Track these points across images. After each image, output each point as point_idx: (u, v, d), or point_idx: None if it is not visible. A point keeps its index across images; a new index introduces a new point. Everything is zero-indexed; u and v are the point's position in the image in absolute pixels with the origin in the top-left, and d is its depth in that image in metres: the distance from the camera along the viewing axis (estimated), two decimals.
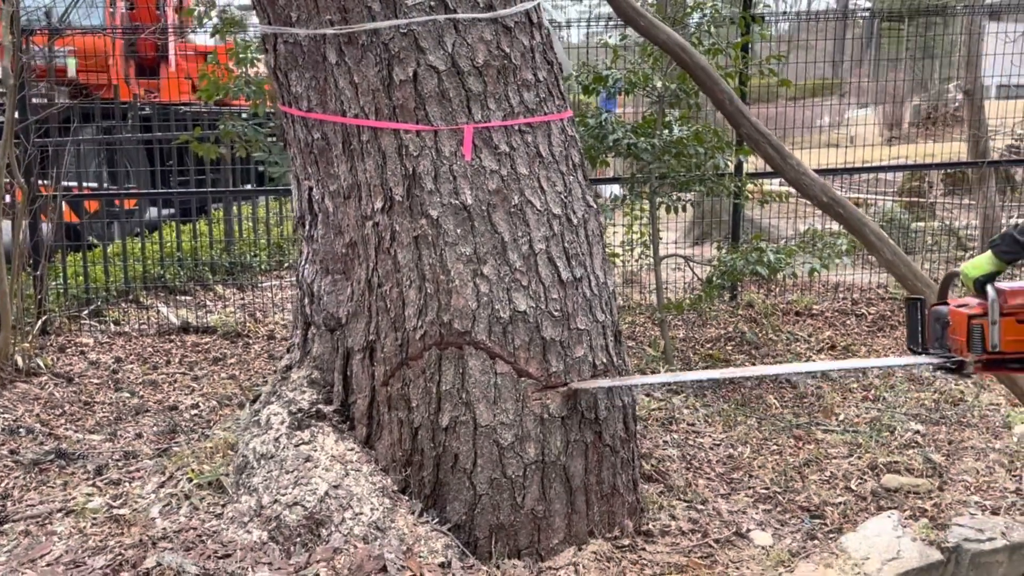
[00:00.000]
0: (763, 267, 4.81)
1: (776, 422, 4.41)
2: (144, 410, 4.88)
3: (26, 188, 5.42)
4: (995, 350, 2.71)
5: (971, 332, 2.74)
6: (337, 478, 3.01)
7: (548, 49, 3.11)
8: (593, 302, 3.09)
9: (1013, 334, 2.71)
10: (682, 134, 4.87)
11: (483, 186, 2.91)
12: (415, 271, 2.94)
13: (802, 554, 3.07)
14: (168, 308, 6.94)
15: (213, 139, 5.64)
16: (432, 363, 2.96)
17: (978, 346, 2.73)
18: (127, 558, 2.91)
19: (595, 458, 3.09)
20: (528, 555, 3.00)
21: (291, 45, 3.06)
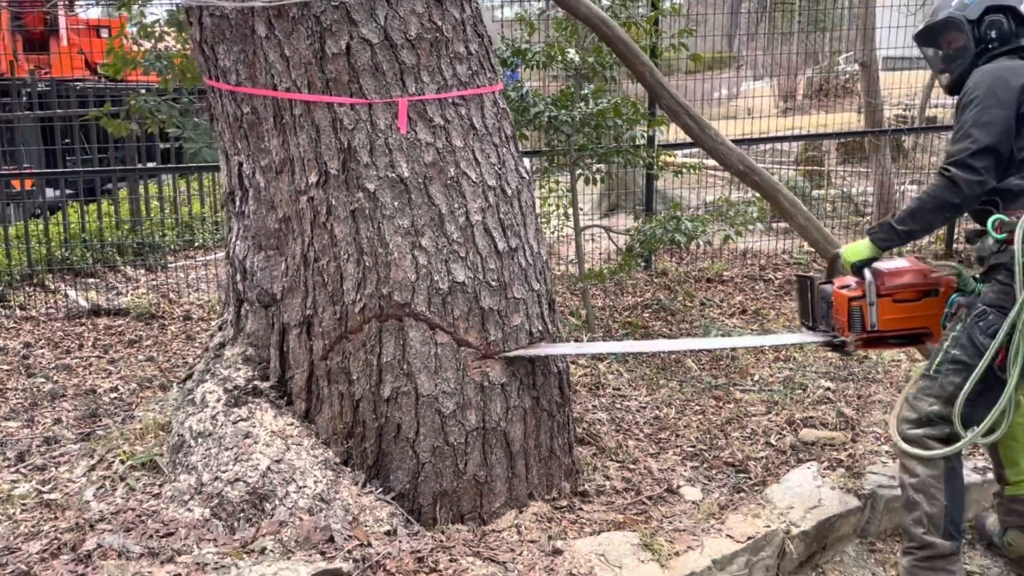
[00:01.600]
0: (681, 235, 4.97)
1: (696, 384, 4.58)
2: (61, 395, 4.74)
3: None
4: (873, 329, 2.93)
5: (851, 313, 2.95)
6: (278, 453, 3.02)
7: (479, 22, 3.14)
8: (528, 271, 3.17)
9: (890, 313, 2.94)
10: (603, 106, 4.96)
11: (419, 159, 2.93)
12: (353, 245, 2.96)
13: (730, 507, 3.22)
14: (76, 291, 6.72)
15: (123, 115, 5.46)
16: (372, 335, 2.99)
17: (857, 325, 2.95)
18: (64, 541, 2.86)
19: (533, 423, 3.17)
20: (471, 519, 3.07)
21: (218, 18, 3.01)
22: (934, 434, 2.80)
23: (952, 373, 2.77)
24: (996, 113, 2.72)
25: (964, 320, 2.78)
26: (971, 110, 2.77)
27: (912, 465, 2.83)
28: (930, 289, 2.96)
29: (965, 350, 2.75)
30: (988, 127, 2.72)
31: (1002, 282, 2.72)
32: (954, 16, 2.97)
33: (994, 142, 2.72)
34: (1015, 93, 2.75)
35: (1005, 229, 2.70)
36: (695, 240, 5.09)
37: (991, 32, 2.92)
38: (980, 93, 2.76)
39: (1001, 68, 2.82)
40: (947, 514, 2.79)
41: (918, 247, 7.50)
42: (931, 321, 2.97)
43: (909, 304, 2.96)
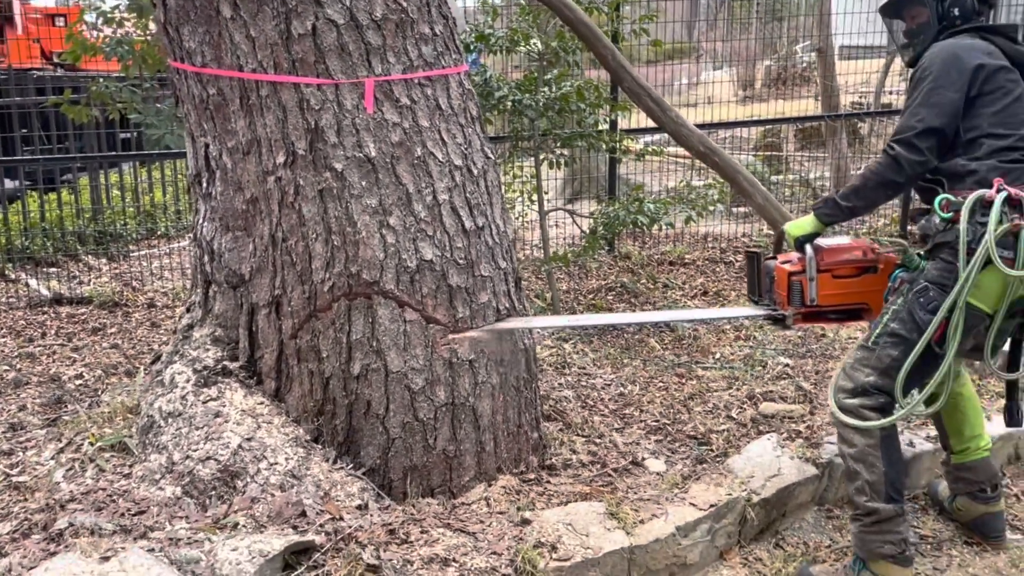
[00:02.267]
0: (644, 217, 5.05)
1: (659, 362, 4.68)
2: (24, 383, 4.72)
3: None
4: (813, 304, 2.97)
5: (791, 287, 3.01)
6: (249, 431, 3.05)
7: (443, 3, 3.18)
8: (495, 250, 3.22)
9: (829, 288, 2.99)
10: (566, 90, 5.02)
11: (386, 139, 2.97)
12: (321, 224, 2.99)
13: (693, 477, 3.30)
14: (37, 280, 6.66)
15: (84, 102, 5.42)
16: (341, 314, 3.03)
17: (797, 300, 3.00)
18: (35, 522, 2.87)
19: (501, 399, 3.23)
20: (441, 493, 3.13)
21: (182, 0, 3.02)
22: (869, 404, 2.83)
23: (890, 346, 2.80)
24: (945, 94, 2.75)
25: (905, 295, 2.82)
26: (922, 87, 2.80)
27: (849, 435, 2.87)
28: (869, 266, 3.00)
29: (904, 324, 2.78)
30: (936, 107, 2.75)
31: (945, 260, 2.75)
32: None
33: (940, 123, 2.75)
34: (967, 74, 2.77)
35: (951, 208, 2.72)
36: (657, 222, 5.18)
37: (954, 9, 2.93)
38: (933, 71, 2.79)
39: (957, 46, 2.84)
40: (887, 480, 2.84)
41: (873, 229, 7.66)
42: (870, 297, 3.01)
43: (848, 280, 3.00)
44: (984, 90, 2.79)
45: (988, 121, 2.78)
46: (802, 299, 2.98)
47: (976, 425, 3.19)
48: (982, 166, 2.75)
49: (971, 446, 3.18)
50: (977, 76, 2.77)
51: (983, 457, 3.17)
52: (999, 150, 2.75)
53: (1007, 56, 2.86)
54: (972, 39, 2.89)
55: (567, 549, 2.77)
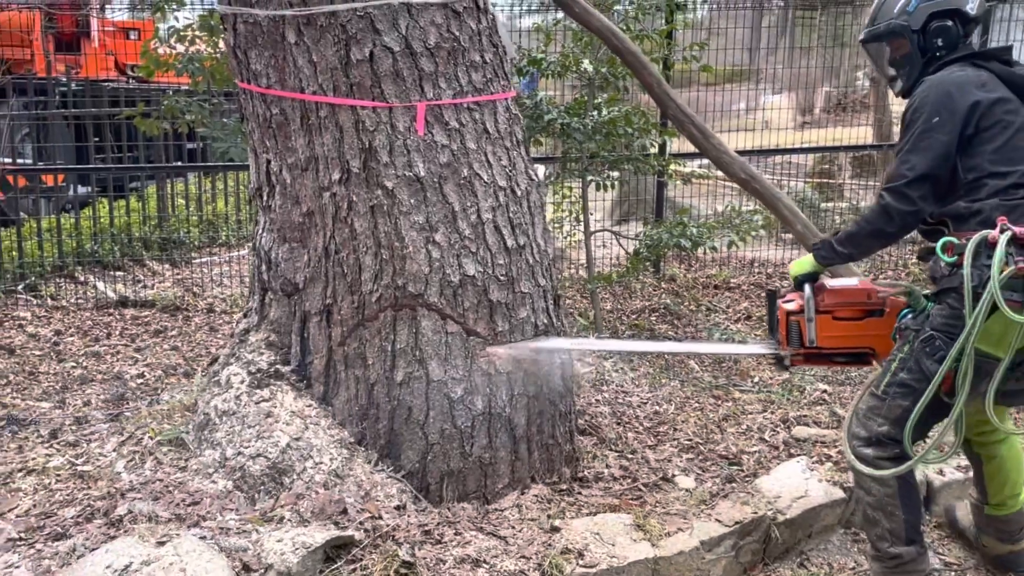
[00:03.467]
0: (686, 240, 5.16)
1: (697, 383, 4.77)
2: (89, 380, 4.98)
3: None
4: (812, 345, 2.92)
5: (789, 327, 2.97)
6: (297, 431, 3.23)
7: (493, 33, 3.35)
8: (535, 268, 3.37)
9: (829, 330, 2.92)
10: (614, 115, 5.16)
11: (435, 159, 3.14)
12: (371, 238, 3.17)
13: (721, 494, 3.40)
14: (104, 283, 6.98)
15: (156, 115, 5.72)
16: (387, 324, 3.20)
17: (795, 340, 2.95)
18: (97, 508, 3.08)
19: (536, 410, 3.37)
20: (476, 498, 3.27)
21: (251, 25, 3.23)
22: (884, 455, 2.77)
23: (900, 396, 2.73)
24: (936, 138, 2.66)
25: (912, 343, 2.73)
26: (913, 130, 2.72)
27: (867, 483, 2.84)
28: (874, 309, 2.91)
29: (912, 374, 2.71)
30: (926, 152, 2.67)
31: (952, 306, 2.64)
32: (895, 25, 2.90)
33: (931, 169, 2.66)
34: (961, 114, 2.66)
35: (955, 252, 2.62)
36: (700, 246, 5.28)
37: (937, 40, 2.84)
38: (924, 112, 2.70)
39: (949, 82, 2.72)
40: (907, 525, 2.82)
41: None
42: (875, 341, 2.94)
43: (851, 323, 2.93)
44: (981, 126, 2.68)
45: (988, 159, 2.67)
46: (800, 340, 2.94)
47: (1017, 484, 3.09)
48: (985, 206, 2.64)
49: (1010, 503, 3.10)
50: (972, 115, 2.67)
51: (1019, 510, 3.11)
52: (1002, 189, 2.64)
53: (1003, 81, 2.75)
54: (964, 70, 2.77)
55: (593, 557, 2.89)
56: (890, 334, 2.90)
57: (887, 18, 2.92)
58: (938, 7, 2.85)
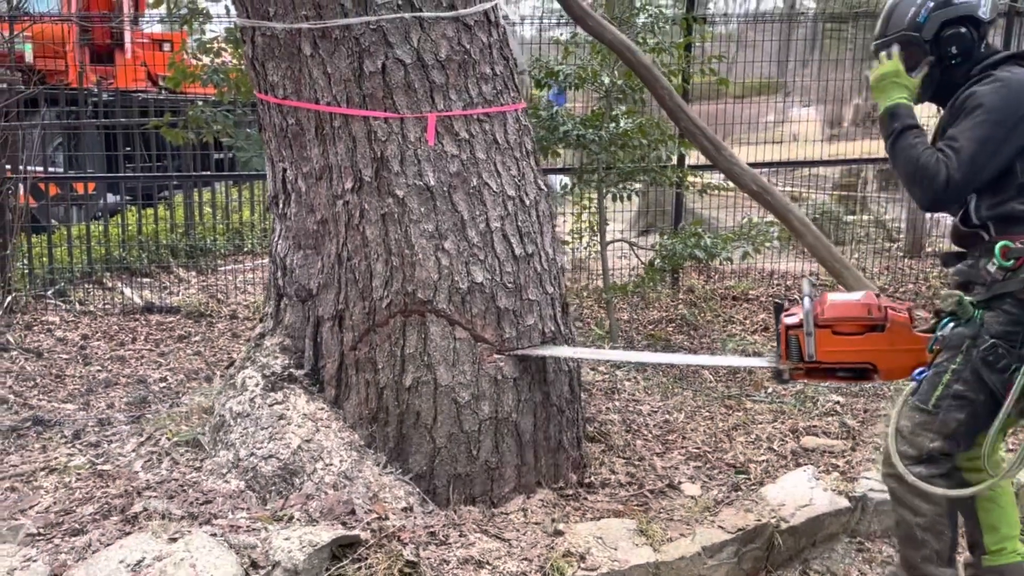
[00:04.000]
0: (701, 251, 5.20)
1: (710, 393, 4.80)
2: (114, 383, 5.10)
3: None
4: (811, 359, 2.87)
5: (788, 341, 2.93)
6: (309, 433, 3.31)
7: (504, 46, 3.43)
8: (543, 276, 3.43)
9: (829, 345, 2.86)
10: (628, 127, 5.22)
11: (445, 169, 3.22)
12: (382, 246, 3.24)
13: (726, 502, 3.43)
14: (131, 289, 7.13)
15: (182, 124, 5.86)
16: (397, 329, 3.27)
17: (795, 354, 2.91)
18: (114, 505, 3.17)
19: (543, 416, 3.43)
20: (482, 502, 3.32)
21: (268, 38, 3.33)
22: (937, 472, 2.65)
23: (955, 409, 2.62)
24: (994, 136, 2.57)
25: (967, 352, 2.60)
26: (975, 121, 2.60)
27: (916, 503, 2.71)
28: (876, 324, 2.86)
29: (969, 385, 2.59)
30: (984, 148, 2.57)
31: (1009, 311, 2.55)
32: (908, 36, 2.82)
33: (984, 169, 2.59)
34: None
35: (1011, 256, 2.53)
36: (715, 257, 5.31)
37: (952, 48, 2.76)
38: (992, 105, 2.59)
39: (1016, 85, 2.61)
40: (952, 545, 2.75)
41: None
42: (876, 356, 2.88)
43: (851, 337, 2.87)
44: None
45: None
46: (800, 354, 2.90)
47: (1014, 523, 2.92)
48: None
49: (1007, 547, 2.89)
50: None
51: (1017, 562, 2.89)
52: None
53: None
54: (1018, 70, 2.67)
55: (595, 560, 2.94)
56: (893, 350, 2.85)
57: (898, 28, 2.85)
58: (950, 15, 2.77)
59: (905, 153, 2.71)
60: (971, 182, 2.61)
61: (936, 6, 2.77)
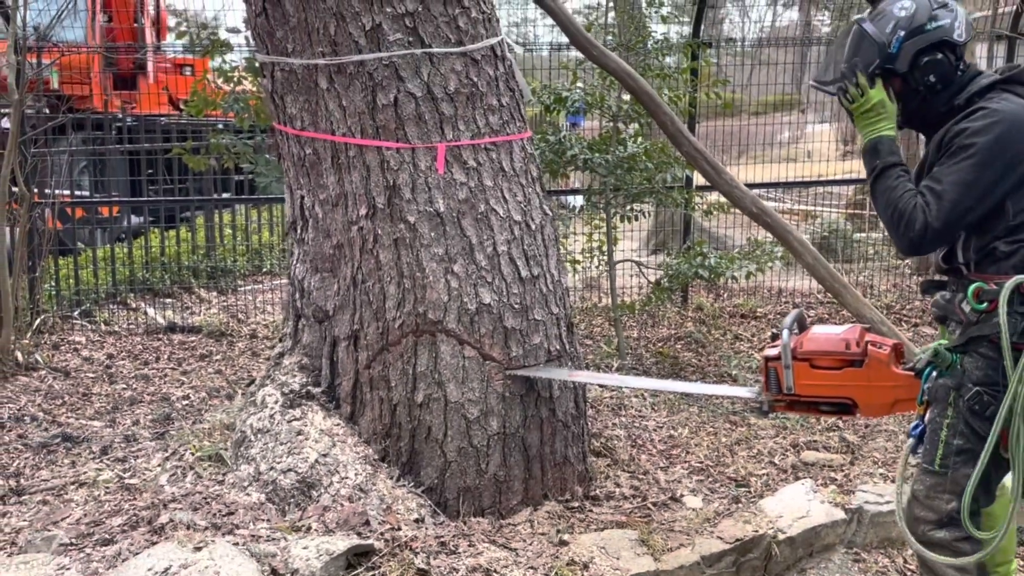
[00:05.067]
0: (705, 270, 5.34)
1: (715, 409, 4.93)
2: (138, 400, 5.29)
3: (28, 195, 5.82)
4: (790, 392, 2.84)
5: (768, 373, 2.90)
6: (325, 448, 3.47)
7: (510, 78, 3.60)
8: (549, 297, 3.59)
9: (807, 378, 2.82)
10: (633, 150, 5.38)
11: (454, 196, 3.39)
12: (395, 269, 3.41)
13: (726, 514, 3.56)
14: (155, 310, 7.34)
15: (203, 150, 6.07)
16: (409, 348, 3.43)
17: (773, 387, 2.88)
18: (142, 517, 3.34)
19: (549, 431, 3.57)
20: (491, 514, 3.47)
21: (287, 72, 3.52)
22: (961, 535, 2.52)
23: (962, 465, 2.50)
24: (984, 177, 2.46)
25: (955, 405, 2.53)
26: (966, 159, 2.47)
27: (942, 570, 2.58)
28: (853, 360, 2.79)
29: (967, 438, 2.51)
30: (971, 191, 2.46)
31: (986, 356, 2.47)
32: (880, 71, 2.65)
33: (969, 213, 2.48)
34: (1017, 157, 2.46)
35: (984, 298, 2.44)
36: (720, 276, 5.46)
37: (929, 77, 2.59)
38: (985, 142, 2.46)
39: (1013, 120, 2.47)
40: None
41: None
42: (855, 392, 2.81)
43: (829, 372, 2.82)
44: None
45: None
46: (778, 386, 2.87)
47: (1009, 552, 2.89)
48: (1022, 249, 2.48)
49: (1000, 571, 2.85)
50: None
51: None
52: None
53: None
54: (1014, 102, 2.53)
55: (597, 569, 3.08)
56: (872, 386, 2.78)
57: (869, 62, 2.65)
58: (924, 42, 2.59)
59: (885, 195, 2.62)
60: (953, 228, 2.51)
61: (908, 35, 2.59)
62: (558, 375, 3.55)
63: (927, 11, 2.59)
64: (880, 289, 7.93)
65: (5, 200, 5.67)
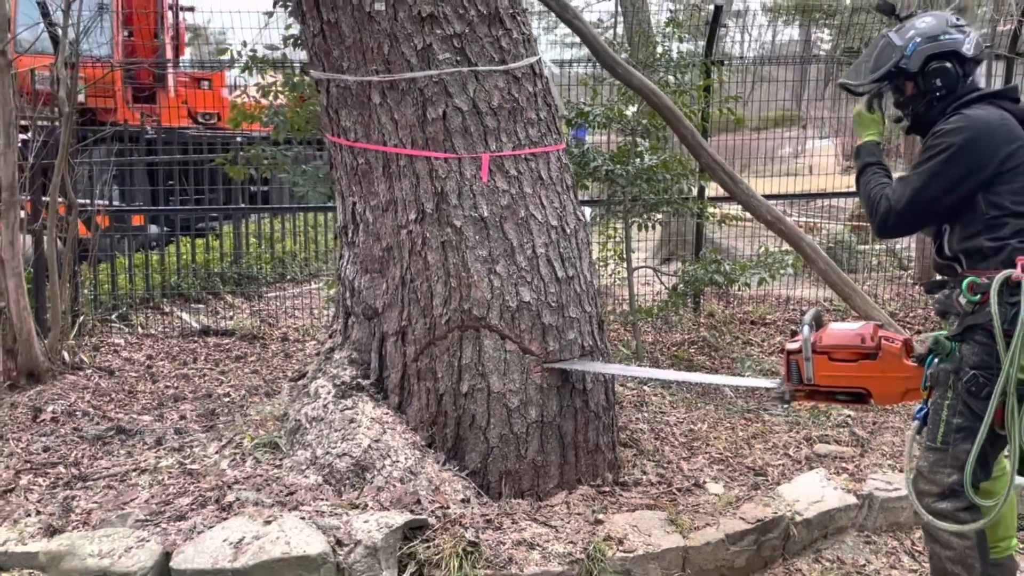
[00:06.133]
0: (720, 276, 5.63)
1: (730, 407, 5.21)
2: (182, 397, 5.57)
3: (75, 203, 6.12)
4: (810, 382, 3.13)
5: (789, 365, 3.22)
6: (377, 435, 3.75)
7: (548, 94, 3.90)
8: (582, 296, 3.88)
9: (826, 370, 3.12)
10: (652, 162, 5.69)
11: (497, 202, 3.68)
12: (442, 269, 3.70)
13: (746, 498, 3.84)
14: (188, 314, 7.63)
15: (243, 161, 6.38)
16: (454, 343, 3.72)
17: (795, 377, 3.19)
18: (208, 497, 3.62)
19: (583, 420, 3.86)
20: (530, 495, 3.75)
21: (342, 88, 3.82)
22: (962, 505, 2.80)
23: (962, 441, 2.79)
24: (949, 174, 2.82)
25: (954, 387, 2.81)
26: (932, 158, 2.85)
27: (946, 538, 2.85)
28: (868, 353, 3.08)
29: (965, 416, 2.78)
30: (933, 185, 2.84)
31: (981, 342, 2.76)
32: (895, 69, 3.03)
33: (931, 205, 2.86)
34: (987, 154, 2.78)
35: (977, 290, 2.75)
36: (734, 282, 5.75)
37: (936, 80, 2.96)
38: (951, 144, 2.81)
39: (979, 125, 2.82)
40: (984, 571, 2.87)
41: None
42: (869, 383, 3.10)
43: (845, 364, 3.11)
44: (1005, 168, 2.81)
45: (1011, 200, 2.80)
46: (799, 377, 3.16)
47: (1011, 526, 3.13)
48: (1007, 245, 2.77)
49: (1002, 545, 3.09)
50: (992, 158, 2.80)
51: (1010, 555, 3.12)
52: (1021, 229, 2.78)
53: (1017, 119, 2.89)
54: (986, 109, 2.89)
55: (631, 544, 3.36)
56: (885, 377, 3.07)
57: (887, 63, 3.06)
58: (935, 49, 2.96)
59: (863, 188, 3.11)
60: (917, 213, 2.91)
61: (923, 40, 2.98)
62: (591, 368, 3.84)
63: (943, 26, 3.00)
64: (884, 298, 8.21)
65: (56, 209, 5.96)
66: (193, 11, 14.93)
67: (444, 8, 3.60)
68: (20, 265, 5.58)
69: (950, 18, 3.04)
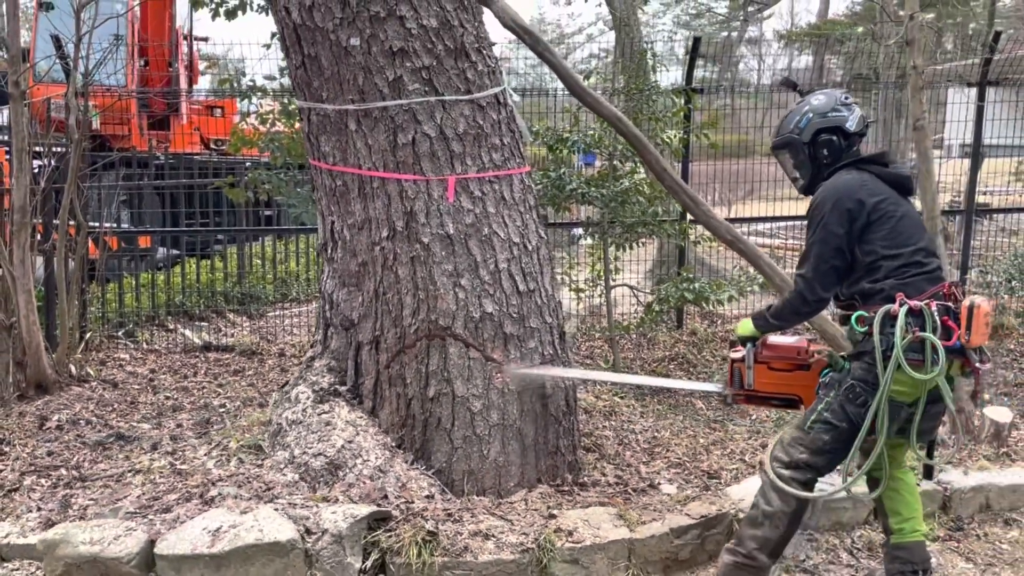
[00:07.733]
0: (690, 293, 5.91)
1: (698, 417, 5.47)
2: (180, 408, 5.88)
3: (84, 224, 6.48)
4: (750, 388, 3.62)
5: (733, 371, 3.69)
6: (350, 436, 4.04)
7: (512, 121, 4.22)
8: (543, 308, 4.17)
9: (765, 378, 3.60)
10: (626, 185, 5.99)
11: (462, 221, 3.99)
12: (411, 282, 4.01)
13: (695, 498, 4.10)
14: (191, 331, 7.97)
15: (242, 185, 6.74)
16: (422, 351, 4.02)
17: (737, 383, 3.66)
18: (194, 492, 3.92)
19: (543, 424, 4.14)
20: (491, 493, 4.02)
21: (321, 116, 4.15)
22: (799, 478, 3.34)
23: (822, 431, 3.32)
24: (833, 232, 3.28)
25: (837, 391, 3.31)
26: (815, 228, 3.34)
27: (770, 495, 3.40)
28: (802, 364, 3.55)
29: (835, 415, 3.29)
30: (828, 247, 3.29)
31: (866, 363, 3.23)
32: (791, 139, 3.56)
33: (835, 262, 3.30)
34: (851, 212, 3.27)
35: (865, 323, 3.22)
36: (705, 299, 6.02)
37: (823, 151, 3.49)
38: (824, 211, 3.32)
39: (840, 187, 3.34)
40: (781, 541, 3.41)
41: None
42: (802, 390, 3.56)
43: (782, 373, 3.58)
44: (871, 219, 3.28)
45: (880, 245, 3.27)
46: (741, 383, 3.62)
47: (913, 508, 3.56)
48: (885, 285, 3.24)
49: (907, 527, 3.53)
50: (861, 211, 3.28)
51: (918, 540, 3.54)
52: (895, 269, 3.25)
53: (883, 180, 3.39)
54: (850, 174, 3.40)
55: (580, 536, 3.63)
56: (814, 386, 3.49)
57: (786, 131, 3.59)
58: (822, 125, 3.50)
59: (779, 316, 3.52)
60: (825, 277, 3.33)
61: (815, 116, 3.52)
62: (550, 373, 4.12)
63: (832, 104, 3.54)
64: None
65: (65, 230, 6.33)
66: (207, 41, 15.45)
67: (414, 44, 3.92)
68: (31, 283, 5.94)
69: (840, 96, 3.54)
